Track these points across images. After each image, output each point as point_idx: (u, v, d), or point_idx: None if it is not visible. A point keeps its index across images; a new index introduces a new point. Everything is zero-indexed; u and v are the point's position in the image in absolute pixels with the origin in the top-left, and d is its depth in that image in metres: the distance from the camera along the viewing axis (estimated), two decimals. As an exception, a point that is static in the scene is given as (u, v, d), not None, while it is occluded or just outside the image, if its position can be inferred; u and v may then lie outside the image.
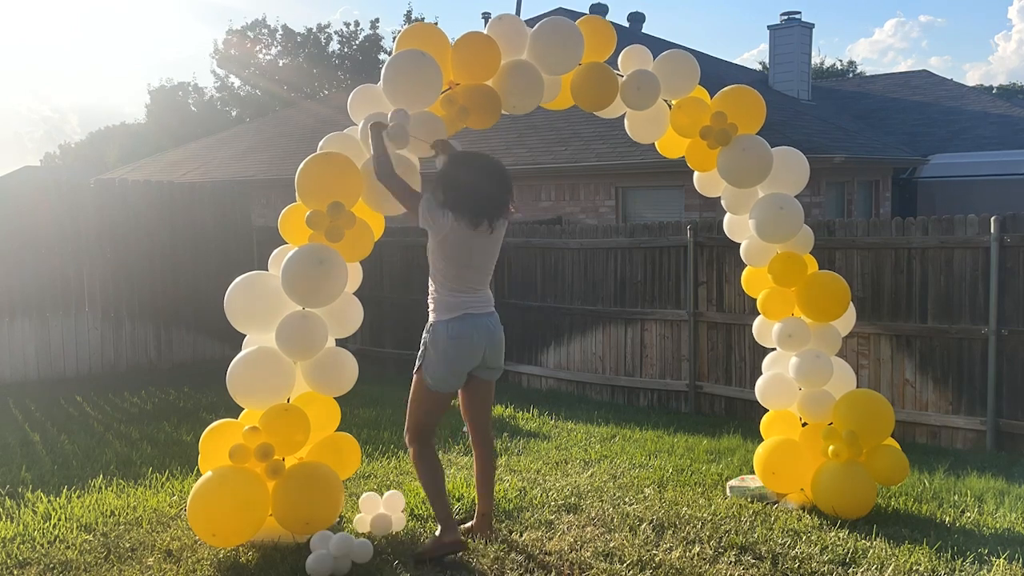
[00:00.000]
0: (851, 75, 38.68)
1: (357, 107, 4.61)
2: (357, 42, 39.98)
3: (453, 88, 4.56)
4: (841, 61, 44.13)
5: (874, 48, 75.02)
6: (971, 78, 64.90)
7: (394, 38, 4.74)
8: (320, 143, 4.54)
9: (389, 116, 4.30)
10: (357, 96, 4.65)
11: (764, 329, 5.37)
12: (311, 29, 39.73)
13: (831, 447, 4.80)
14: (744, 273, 5.49)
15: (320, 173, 4.29)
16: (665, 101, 5.06)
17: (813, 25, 18.49)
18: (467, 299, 4.21)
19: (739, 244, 5.40)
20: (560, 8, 18.91)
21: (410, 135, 4.25)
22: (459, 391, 4.41)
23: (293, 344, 4.28)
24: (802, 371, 5.00)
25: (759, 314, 5.38)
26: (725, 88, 5.11)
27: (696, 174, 5.36)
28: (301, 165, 4.31)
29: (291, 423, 4.24)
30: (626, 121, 5.27)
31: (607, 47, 4.93)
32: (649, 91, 4.87)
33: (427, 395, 4.32)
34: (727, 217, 5.44)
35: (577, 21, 4.79)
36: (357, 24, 42.67)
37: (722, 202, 5.28)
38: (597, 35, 4.84)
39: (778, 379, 5.21)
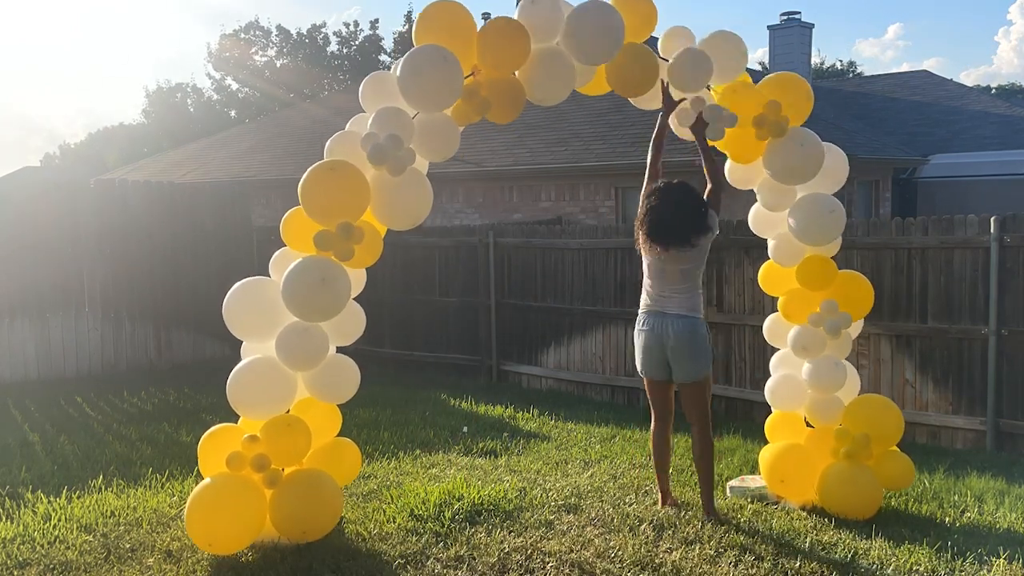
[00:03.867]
0: (851, 75, 38.68)
1: (369, 96, 4.39)
2: (356, 43, 39.97)
3: (476, 73, 4.32)
4: (841, 61, 44.18)
5: (875, 49, 75.04)
6: (971, 79, 64.94)
7: (395, 39, 4.67)
8: (327, 145, 4.35)
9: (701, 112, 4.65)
10: (369, 85, 4.42)
11: (775, 329, 5.25)
12: (309, 30, 39.74)
13: (843, 448, 4.80)
14: (763, 269, 5.32)
15: (327, 190, 4.06)
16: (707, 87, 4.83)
17: (813, 25, 18.55)
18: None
19: (738, 244, 5.34)
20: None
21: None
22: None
23: (294, 356, 4.20)
24: (817, 376, 4.91)
25: (759, 314, 5.35)
26: (773, 75, 4.88)
27: (730, 164, 5.09)
28: (306, 176, 4.09)
29: (293, 437, 4.21)
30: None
31: (646, 27, 4.60)
32: (703, 71, 4.59)
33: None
34: (755, 211, 5.22)
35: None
36: (356, 24, 42.72)
37: (757, 194, 5.05)
38: (636, 14, 4.52)
39: (788, 380, 5.12)
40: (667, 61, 4.71)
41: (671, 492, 5.00)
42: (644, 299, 4.87)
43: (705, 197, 4.78)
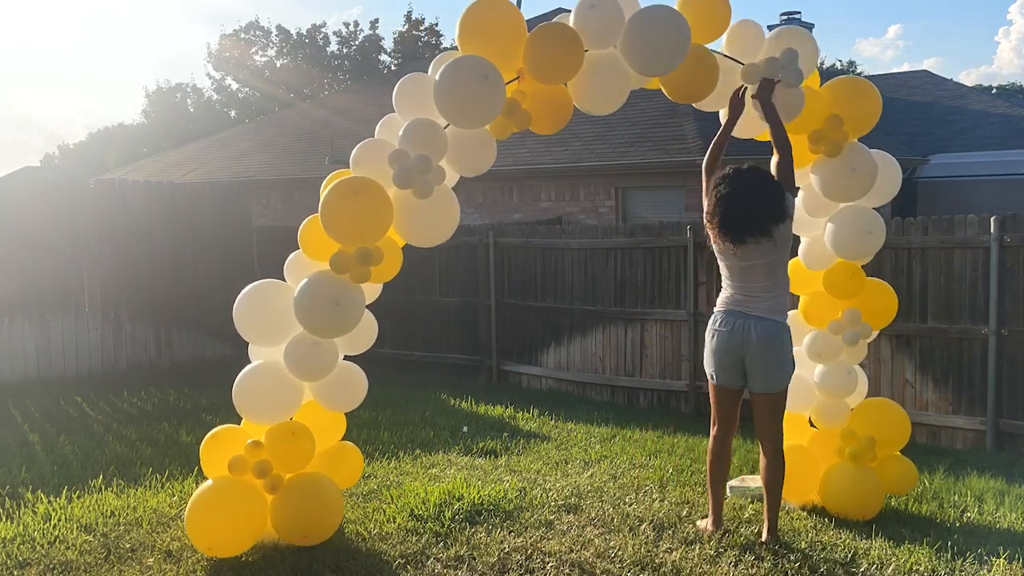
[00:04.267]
0: (851, 75, 38.63)
1: (403, 102, 4.15)
2: (356, 43, 40.00)
3: (521, 77, 4.07)
4: (841, 61, 44.15)
5: (875, 48, 75.07)
6: (971, 79, 65.03)
7: (395, 39, 4.49)
8: (353, 154, 4.15)
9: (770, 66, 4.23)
10: (404, 87, 4.15)
11: (792, 327, 5.19)
12: (309, 30, 39.76)
13: (848, 449, 4.80)
14: (789, 265, 5.20)
15: (349, 215, 3.90)
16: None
17: (813, 25, 18.50)
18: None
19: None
20: (559, 8, 18.90)
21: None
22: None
23: (303, 367, 4.16)
24: (829, 381, 4.88)
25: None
26: (841, 80, 4.60)
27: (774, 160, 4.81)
28: (328, 194, 3.92)
29: (297, 445, 4.19)
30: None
31: (718, 27, 4.25)
32: (796, 75, 4.24)
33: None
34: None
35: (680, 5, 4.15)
36: (356, 24, 42.73)
37: (801, 195, 4.84)
38: (708, 16, 4.17)
39: (798, 382, 4.96)
40: (736, 61, 4.38)
41: (723, 515, 4.52)
42: (723, 297, 4.40)
43: (774, 173, 4.37)
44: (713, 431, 4.49)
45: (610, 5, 3.95)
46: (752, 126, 4.69)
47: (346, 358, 4.50)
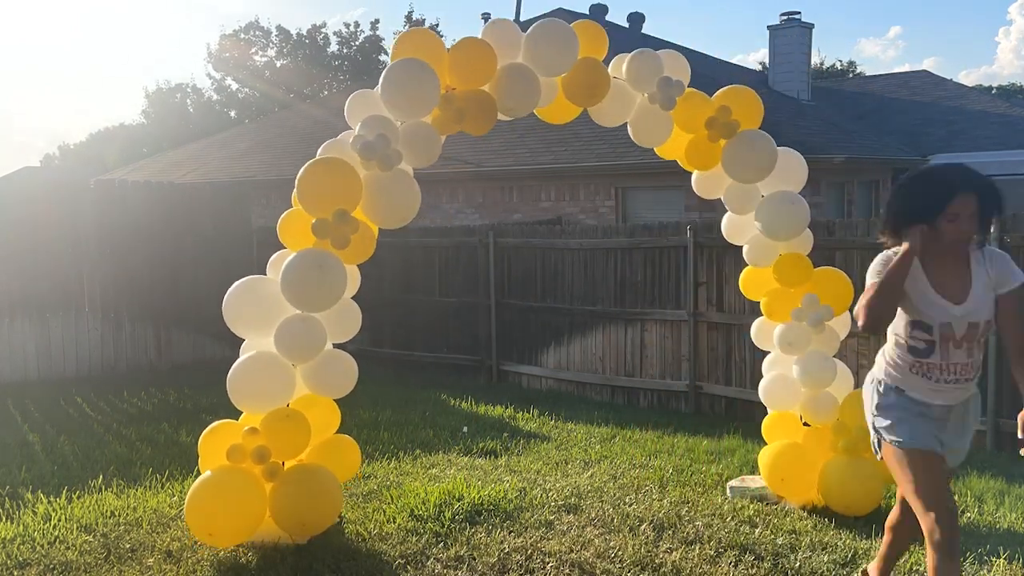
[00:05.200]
0: (851, 75, 38.66)
1: (354, 112, 4.60)
2: (356, 43, 39.99)
3: (451, 92, 4.59)
4: (841, 61, 44.11)
5: (876, 48, 75.08)
6: (971, 79, 64.87)
7: (395, 39, 4.66)
8: (319, 151, 4.51)
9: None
10: (355, 102, 4.66)
11: (762, 332, 5.35)
12: (309, 30, 39.74)
13: (842, 442, 4.83)
14: (743, 274, 5.45)
15: (323, 181, 4.23)
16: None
17: (813, 25, 18.49)
18: None
19: (738, 245, 5.42)
20: (560, 8, 18.91)
21: None
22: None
23: (292, 347, 4.28)
24: (807, 373, 4.98)
25: (759, 314, 5.38)
26: (724, 88, 5.14)
27: (695, 175, 5.34)
28: (301, 172, 4.26)
29: (292, 429, 4.24)
30: (629, 127, 5.22)
31: (599, 50, 4.97)
32: (651, 65, 4.92)
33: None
34: (726, 218, 5.43)
35: (571, 24, 4.84)
36: (357, 25, 42.70)
37: (724, 201, 5.26)
38: (589, 39, 4.90)
39: (781, 380, 5.19)
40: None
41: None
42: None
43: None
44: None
45: (506, 23, 4.77)
46: (656, 133, 5.12)
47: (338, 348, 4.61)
